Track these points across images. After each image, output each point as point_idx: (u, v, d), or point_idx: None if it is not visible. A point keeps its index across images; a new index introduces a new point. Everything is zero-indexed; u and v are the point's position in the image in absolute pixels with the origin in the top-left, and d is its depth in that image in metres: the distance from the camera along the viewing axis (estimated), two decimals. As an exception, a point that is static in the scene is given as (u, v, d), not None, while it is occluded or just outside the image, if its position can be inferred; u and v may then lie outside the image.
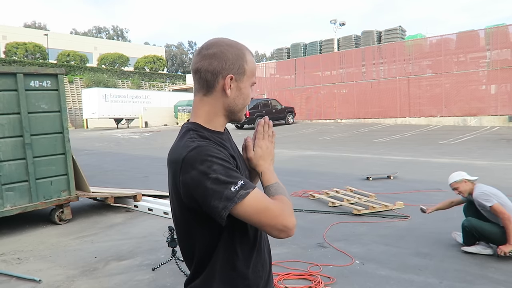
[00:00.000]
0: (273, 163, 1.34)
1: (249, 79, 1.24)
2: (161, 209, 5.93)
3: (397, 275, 3.59)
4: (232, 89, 1.20)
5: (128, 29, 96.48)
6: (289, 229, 1.10)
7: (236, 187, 1.07)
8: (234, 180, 1.07)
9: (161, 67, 51.49)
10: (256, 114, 21.90)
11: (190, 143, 1.12)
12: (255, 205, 1.08)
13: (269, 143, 1.34)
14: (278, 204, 1.13)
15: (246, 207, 1.07)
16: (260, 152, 1.31)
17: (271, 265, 1.37)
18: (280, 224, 1.09)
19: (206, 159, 1.07)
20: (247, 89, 1.23)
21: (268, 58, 74.49)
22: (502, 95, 18.58)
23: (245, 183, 1.09)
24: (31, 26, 66.06)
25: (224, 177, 1.06)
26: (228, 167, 1.09)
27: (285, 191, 1.22)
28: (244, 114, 1.29)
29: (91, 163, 11.72)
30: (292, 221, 1.11)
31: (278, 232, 1.10)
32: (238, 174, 1.11)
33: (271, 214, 1.09)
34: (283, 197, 1.18)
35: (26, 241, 4.97)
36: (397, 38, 24.08)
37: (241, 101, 1.23)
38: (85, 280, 3.74)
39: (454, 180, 4.07)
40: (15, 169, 5.13)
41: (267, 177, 1.27)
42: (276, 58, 31.65)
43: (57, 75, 5.49)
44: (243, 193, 1.07)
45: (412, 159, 10.64)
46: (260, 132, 1.34)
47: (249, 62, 1.22)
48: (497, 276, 3.46)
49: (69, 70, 40.23)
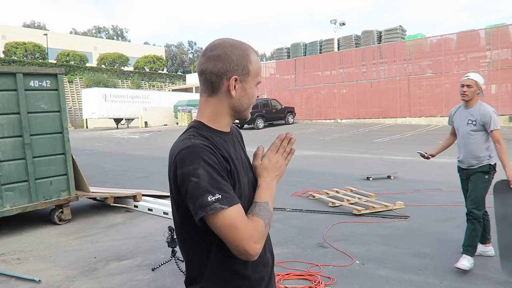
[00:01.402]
0: (279, 179, 1.28)
1: (254, 79, 1.24)
2: (161, 209, 5.93)
3: (397, 275, 3.58)
4: (237, 90, 1.21)
5: (128, 29, 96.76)
6: (249, 255, 1.09)
7: (213, 198, 1.06)
8: (214, 190, 1.06)
9: (161, 67, 51.50)
10: (256, 114, 21.88)
11: (187, 141, 1.13)
12: (225, 222, 1.07)
13: (281, 158, 1.27)
14: (249, 227, 1.10)
15: (216, 220, 1.07)
16: (267, 164, 1.26)
17: (273, 265, 1.36)
18: (242, 248, 1.08)
19: (194, 161, 1.08)
20: (252, 89, 1.24)
21: (268, 58, 74.43)
22: (503, 95, 18.59)
23: (223, 198, 1.07)
24: (30, 25, 66.06)
25: (204, 184, 1.06)
26: (213, 175, 1.08)
27: (269, 215, 1.18)
28: (250, 112, 1.29)
29: (91, 163, 11.72)
30: (255, 249, 1.09)
31: (238, 253, 1.10)
32: (223, 185, 1.09)
33: (238, 236, 1.08)
34: (260, 221, 1.14)
35: (26, 241, 4.96)
36: (397, 38, 24.07)
37: (246, 101, 1.24)
38: (85, 280, 3.74)
39: (474, 78, 3.59)
40: (14, 169, 5.12)
41: (261, 193, 1.23)
42: (276, 58, 31.65)
43: (57, 75, 5.48)
44: (217, 207, 1.06)
45: (412, 159, 10.64)
46: (276, 145, 1.28)
47: (254, 62, 1.23)
48: (497, 276, 3.46)
49: (68, 70, 40.24)
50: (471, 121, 3.62)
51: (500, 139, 3.56)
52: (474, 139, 3.62)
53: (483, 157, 3.63)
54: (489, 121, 3.53)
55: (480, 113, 3.57)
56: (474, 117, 3.60)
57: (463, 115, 3.72)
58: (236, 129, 1.42)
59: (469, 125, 3.63)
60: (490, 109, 3.58)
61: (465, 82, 3.59)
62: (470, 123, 3.63)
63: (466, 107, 3.71)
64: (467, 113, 3.67)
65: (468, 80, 3.58)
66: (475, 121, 3.59)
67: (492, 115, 3.53)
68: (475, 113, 3.61)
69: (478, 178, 3.64)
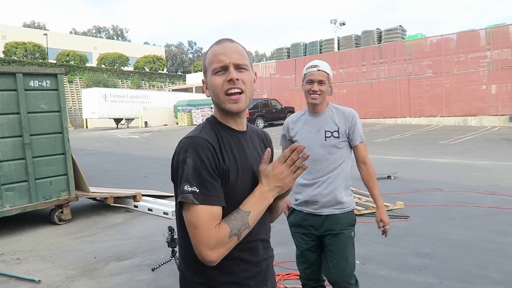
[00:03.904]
0: (280, 191, 1.20)
1: (210, 70, 1.23)
2: (161, 209, 5.92)
3: (397, 275, 3.58)
4: (207, 90, 1.26)
5: (128, 29, 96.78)
6: (204, 260, 1.10)
7: (189, 188, 1.09)
8: (193, 182, 1.09)
9: (161, 67, 51.51)
10: (256, 114, 21.88)
11: (194, 131, 1.20)
12: (191, 219, 1.09)
13: (287, 170, 1.17)
14: (211, 232, 1.08)
15: (186, 213, 1.11)
16: (269, 172, 1.18)
17: (271, 264, 1.36)
18: (198, 250, 1.10)
19: (188, 150, 1.12)
20: (212, 80, 1.22)
21: (268, 58, 74.49)
22: (503, 95, 18.57)
23: (200, 194, 1.09)
24: (30, 25, 66.05)
25: (188, 173, 1.10)
26: (199, 169, 1.10)
27: (242, 225, 1.12)
28: (229, 103, 1.20)
29: (91, 163, 11.71)
30: (208, 255, 1.08)
31: (196, 254, 1.11)
32: (206, 181, 1.10)
33: (196, 237, 1.09)
34: (227, 230, 1.10)
35: (26, 241, 4.96)
36: (397, 38, 24.06)
37: (213, 94, 1.23)
38: (84, 280, 3.74)
39: (325, 69, 2.30)
40: (14, 169, 5.12)
41: (248, 200, 1.17)
42: (276, 58, 31.63)
43: (57, 75, 5.48)
44: (188, 198, 1.09)
45: (412, 159, 10.63)
46: (285, 155, 1.18)
47: (207, 55, 1.25)
48: (497, 276, 3.45)
49: (68, 70, 40.25)
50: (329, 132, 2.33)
51: (366, 152, 2.47)
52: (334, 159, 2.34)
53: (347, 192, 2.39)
54: (354, 130, 2.35)
55: (345, 118, 2.35)
56: (342, 126, 2.34)
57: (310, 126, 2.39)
58: (264, 133, 1.43)
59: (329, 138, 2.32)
60: (354, 111, 2.41)
61: (317, 78, 2.28)
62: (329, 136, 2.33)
63: (312, 114, 2.40)
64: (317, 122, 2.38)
65: (320, 75, 2.28)
66: (343, 133, 2.33)
67: (358, 121, 2.38)
68: (336, 120, 2.35)
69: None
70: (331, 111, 2.38)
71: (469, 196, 6.35)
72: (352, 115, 2.35)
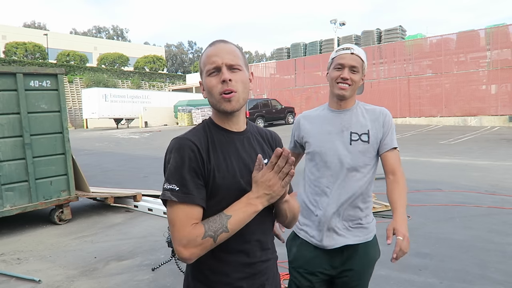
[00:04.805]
0: (270, 199, 1.17)
1: (205, 72, 1.24)
2: (161, 209, 5.93)
3: (397, 275, 3.58)
4: (204, 91, 1.28)
5: (128, 29, 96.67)
6: (178, 256, 1.14)
7: (169, 186, 1.14)
8: (173, 181, 1.14)
9: (161, 67, 51.52)
10: (256, 114, 21.88)
11: (186, 133, 1.23)
12: (170, 216, 1.14)
13: (275, 177, 1.14)
14: (186, 231, 1.10)
15: (167, 209, 1.16)
16: (258, 179, 1.16)
17: (270, 264, 1.37)
18: (174, 246, 1.13)
19: (173, 150, 1.17)
20: (207, 82, 1.23)
21: (268, 58, 74.48)
22: (503, 95, 18.57)
23: (179, 192, 1.12)
24: (30, 26, 66.08)
25: (169, 172, 1.15)
26: (180, 169, 1.14)
27: (219, 228, 1.12)
28: (224, 104, 1.20)
29: (91, 163, 11.72)
30: (180, 252, 1.11)
31: (176, 249, 1.15)
32: (187, 181, 1.13)
33: (172, 233, 1.13)
34: (201, 230, 1.10)
35: (26, 241, 4.96)
36: (397, 38, 24.07)
37: (209, 95, 1.24)
38: (84, 280, 3.74)
39: (359, 54, 1.81)
40: (14, 169, 5.12)
41: (235, 206, 1.15)
42: (276, 58, 31.63)
43: (57, 75, 5.48)
44: (166, 195, 1.13)
45: (412, 159, 10.63)
46: (271, 162, 1.14)
47: (202, 58, 1.26)
48: (497, 276, 3.45)
49: (68, 70, 40.26)
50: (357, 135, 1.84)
51: (399, 162, 2.01)
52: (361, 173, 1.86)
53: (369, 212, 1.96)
54: (386, 135, 1.92)
55: (377, 118, 1.90)
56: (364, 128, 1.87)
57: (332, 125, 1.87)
58: (270, 133, 1.43)
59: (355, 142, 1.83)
60: (387, 111, 1.96)
61: (350, 64, 1.79)
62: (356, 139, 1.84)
63: (335, 110, 1.89)
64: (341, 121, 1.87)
65: (355, 61, 1.79)
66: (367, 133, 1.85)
67: (392, 124, 1.95)
68: (372, 119, 1.90)
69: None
70: (360, 108, 1.90)
71: (469, 196, 6.35)
72: (385, 114, 1.88)
